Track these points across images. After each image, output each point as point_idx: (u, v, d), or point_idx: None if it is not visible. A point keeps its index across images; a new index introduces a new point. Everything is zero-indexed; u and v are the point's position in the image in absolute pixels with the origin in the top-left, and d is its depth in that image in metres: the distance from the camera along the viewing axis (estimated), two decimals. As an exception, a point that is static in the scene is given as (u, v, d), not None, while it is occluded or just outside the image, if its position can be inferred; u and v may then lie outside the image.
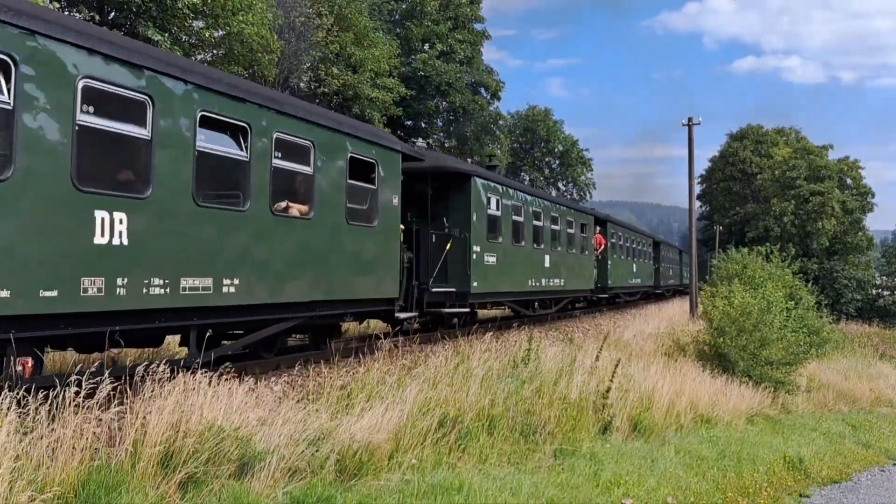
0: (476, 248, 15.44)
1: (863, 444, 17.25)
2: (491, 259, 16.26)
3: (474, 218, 15.48)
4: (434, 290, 14.36)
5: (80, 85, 6.64)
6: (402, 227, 12.70)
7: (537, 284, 19.61)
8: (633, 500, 7.89)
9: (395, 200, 12.01)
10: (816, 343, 21.25)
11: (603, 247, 27.76)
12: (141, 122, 7.30)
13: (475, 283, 15.23)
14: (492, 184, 16.95)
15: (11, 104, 6.11)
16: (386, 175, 11.82)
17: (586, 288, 25.36)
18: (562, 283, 21.84)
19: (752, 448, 12.62)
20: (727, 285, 20.51)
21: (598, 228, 27.83)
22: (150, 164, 7.38)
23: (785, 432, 15.52)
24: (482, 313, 20.01)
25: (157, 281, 7.37)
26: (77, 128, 6.60)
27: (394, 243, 11.99)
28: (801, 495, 11.63)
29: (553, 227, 21.47)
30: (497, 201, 16.98)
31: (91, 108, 6.75)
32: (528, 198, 19.81)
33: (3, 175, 6.04)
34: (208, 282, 8.05)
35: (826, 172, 60.91)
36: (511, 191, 18.41)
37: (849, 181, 63.54)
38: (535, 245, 19.61)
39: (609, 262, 28.81)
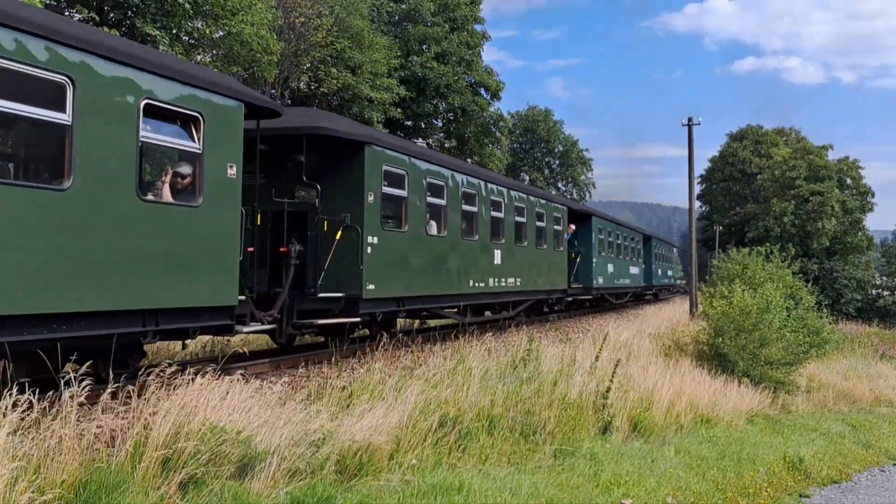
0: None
1: (863, 444, 17.25)
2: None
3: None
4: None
5: None
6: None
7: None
8: (633, 500, 7.90)
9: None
10: (816, 343, 21.25)
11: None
12: None
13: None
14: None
15: None
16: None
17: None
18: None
19: (752, 448, 12.63)
20: (727, 285, 20.51)
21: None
22: None
23: (785, 432, 15.52)
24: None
25: None
26: None
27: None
28: (801, 495, 11.63)
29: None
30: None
31: None
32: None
33: None
34: None
35: (826, 172, 60.94)
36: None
37: (849, 181, 63.55)
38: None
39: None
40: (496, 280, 17.23)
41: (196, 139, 8.27)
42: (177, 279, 8.08)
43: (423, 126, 37.04)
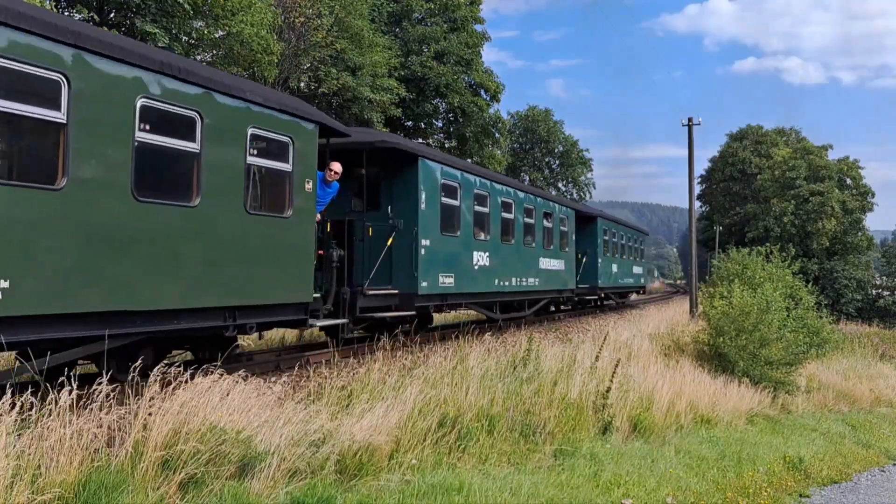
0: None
1: (863, 445, 17.25)
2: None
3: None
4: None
5: None
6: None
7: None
8: (633, 501, 7.89)
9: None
10: (816, 343, 21.25)
11: None
12: None
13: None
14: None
15: None
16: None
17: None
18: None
19: (752, 448, 12.63)
20: (727, 285, 20.51)
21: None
22: None
23: (785, 432, 15.52)
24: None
25: None
26: None
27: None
28: (801, 495, 11.62)
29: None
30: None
31: None
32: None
33: None
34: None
35: (826, 172, 60.99)
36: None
37: (848, 181, 63.60)
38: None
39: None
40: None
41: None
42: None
43: (423, 126, 37.04)
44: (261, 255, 9.28)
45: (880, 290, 61.38)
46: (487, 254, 16.60)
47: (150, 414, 5.98)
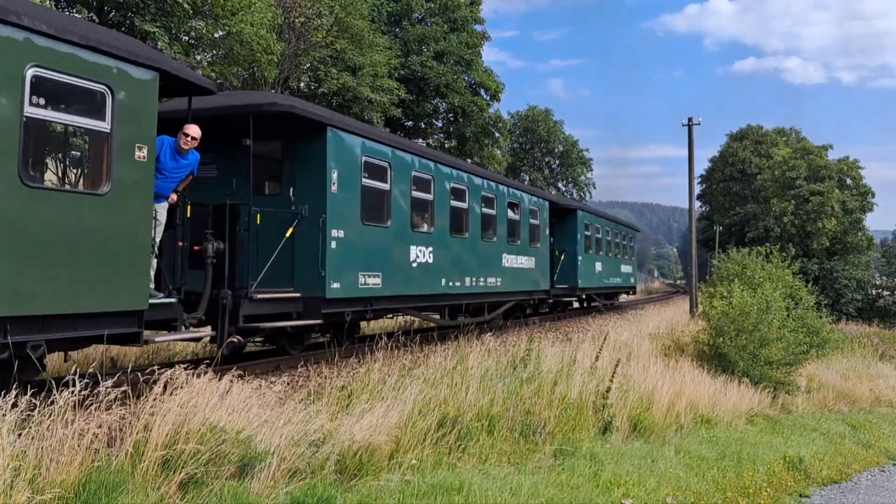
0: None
1: (863, 445, 17.25)
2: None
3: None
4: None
5: None
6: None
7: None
8: (633, 501, 7.89)
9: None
10: (816, 343, 21.25)
11: None
12: None
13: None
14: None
15: None
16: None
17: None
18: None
19: (752, 448, 12.63)
20: (727, 285, 20.52)
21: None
22: None
23: (785, 432, 15.52)
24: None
25: None
26: None
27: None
28: (801, 495, 11.62)
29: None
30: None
31: None
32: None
33: None
34: None
35: (826, 172, 60.99)
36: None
37: (848, 181, 63.60)
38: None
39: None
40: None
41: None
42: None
43: (424, 126, 37.05)
44: (52, 246, 6.73)
45: (880, 290, 61.35)
46: (431, 249, 14.05)
47: (151, 414, 5.98)
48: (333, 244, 11.04)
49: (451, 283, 14.93)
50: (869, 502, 12.05)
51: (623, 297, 37.27)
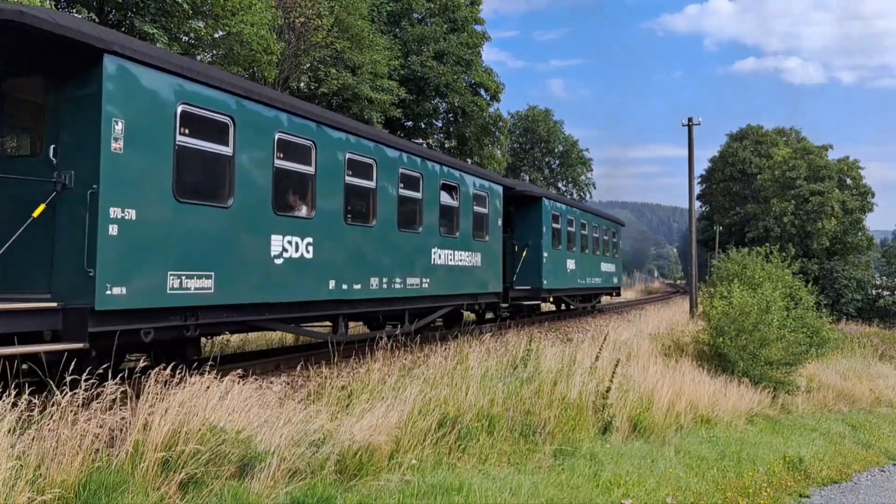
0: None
1: (863, 445, 17.25)
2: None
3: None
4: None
5: None
6: None
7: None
8: (633, 501, 7.90)
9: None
10: (816, 343, 21.26)
11: None
12: None
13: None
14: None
15: None
16: None
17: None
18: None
19: (752, 448, 12.63)
20: (727, 285, 20.52)
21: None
22: None
23: (785, 432, 15.52)
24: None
25: None
26: None
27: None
28: (801, 495, 11.62)
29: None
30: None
31: None
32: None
33: None
34: None
35: (826, 172, 60.97)
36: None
37: (848, 181, 63.59)
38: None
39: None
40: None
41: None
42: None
43: (423, 126, 37.06)
44: None
45: (880, 290, 61.33)
46: (310, 240, 10.72)
47: (150, 414, 5.98)
48: (112, 229, 7.57)
49: (345, 287, 11.56)
50: (869, 502, 12.05)
51: (605, 300, 32.56)
